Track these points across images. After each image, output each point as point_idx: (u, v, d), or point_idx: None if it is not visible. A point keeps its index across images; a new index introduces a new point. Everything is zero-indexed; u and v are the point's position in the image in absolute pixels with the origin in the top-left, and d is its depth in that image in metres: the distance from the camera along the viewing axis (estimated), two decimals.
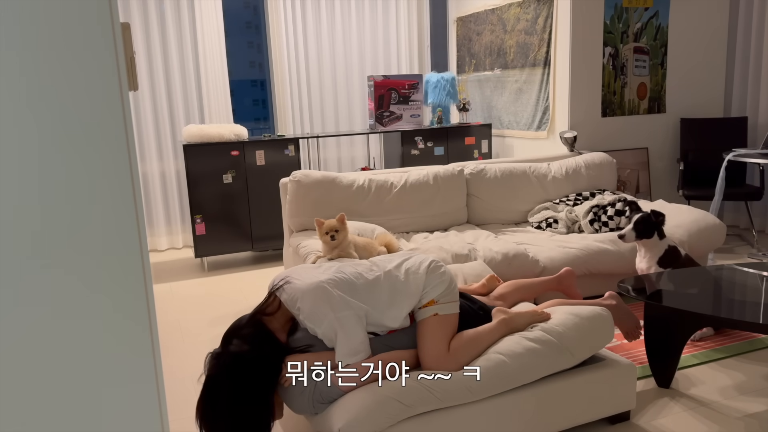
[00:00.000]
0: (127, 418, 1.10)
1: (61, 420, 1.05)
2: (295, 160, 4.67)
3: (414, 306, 2.05)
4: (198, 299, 3.90)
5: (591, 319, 2.17)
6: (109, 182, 1.04)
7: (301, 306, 1.94)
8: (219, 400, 1.81)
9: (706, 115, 5.06)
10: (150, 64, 4.99)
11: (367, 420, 1.76)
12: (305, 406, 1.85)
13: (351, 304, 1.94)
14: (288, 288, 1.99)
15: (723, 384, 2.53)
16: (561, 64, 4.59)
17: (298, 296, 1.95)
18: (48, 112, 0.99)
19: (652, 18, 4.73)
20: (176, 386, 2.66)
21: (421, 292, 2.04)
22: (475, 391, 1.92)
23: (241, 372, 1.83)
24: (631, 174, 4.83)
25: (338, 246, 3.14)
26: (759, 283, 2.70)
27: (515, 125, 5.18)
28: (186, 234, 5.26)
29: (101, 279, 1.05)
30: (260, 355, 1.87)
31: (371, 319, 1.99)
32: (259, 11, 29.23)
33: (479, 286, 2.63)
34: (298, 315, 1.97)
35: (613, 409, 2.22)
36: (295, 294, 1.96)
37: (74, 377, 1.05)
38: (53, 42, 0.97)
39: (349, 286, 1.99)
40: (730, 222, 5.10)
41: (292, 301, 1.96)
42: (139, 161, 5.07)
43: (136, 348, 1.09)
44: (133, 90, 1.09)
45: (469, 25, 5.63)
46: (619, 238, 3.02)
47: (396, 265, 2.11)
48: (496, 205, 3.99)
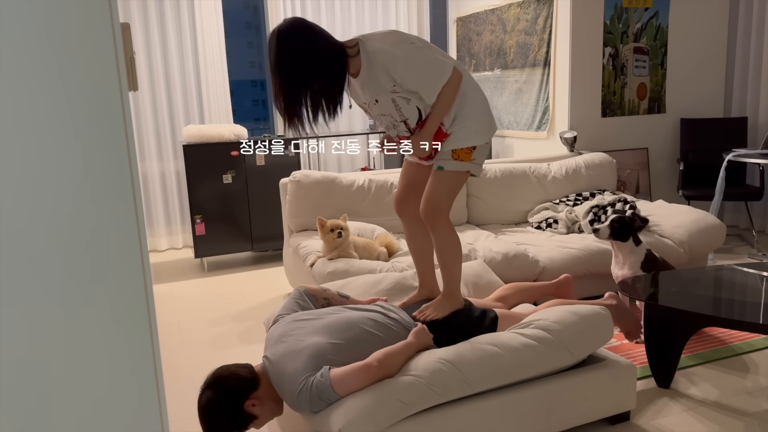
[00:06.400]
0: (127, 418, 1.10)
1: (61, 420, 1.05)
2: (295, 160, 4.67)
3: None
4: (198, 299, 3.90)
5: (590, 317, 2.17)
6: (109, 182, 1.04)
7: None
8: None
9: (706, 115, 5.06)
10: (150, 65, 4.99)
11: (367, 419, 1.76)
12: (303, 404, 1.85)
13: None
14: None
15: (723, 384, 2.53)
16: (561, 65, 4.59)
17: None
18: (48, 112, 0.99)
19: (652, 18, 4.73)
20: (176, 386, 2.66)
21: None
22: (472, 383, 1.92)
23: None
24: (631, 174, 4.83)
25: (339, 246, 3.14)
26: (759, 283, 2.70)
27: (515, 125, 5.18)
28: (186, 234, 5.26)
29: (101, 279, 1.05)
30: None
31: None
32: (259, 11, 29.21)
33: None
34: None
35: (613, 409, 2.22)
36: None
37: (74, 377, 1.05)
38: (53, 42, 0.97)
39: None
40: (730, 222, 5.10)
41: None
42: (139, 161, 5.07)
43: (136, 348, 1.09)
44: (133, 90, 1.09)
45: (469, 26, 5.63)
46: (593, 231, 3.00)
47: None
48: (496, 206, 3.99)
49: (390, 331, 2.11)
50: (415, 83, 2.13)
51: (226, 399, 1.91)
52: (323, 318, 2.11)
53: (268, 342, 2.10)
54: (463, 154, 2.23)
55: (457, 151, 2.23)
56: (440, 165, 2.24)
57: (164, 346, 3.07)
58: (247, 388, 1.94)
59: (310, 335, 1.99)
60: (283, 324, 2.14)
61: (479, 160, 2.28)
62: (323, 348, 1.93)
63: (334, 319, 2.08)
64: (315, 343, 1.94)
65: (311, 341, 1.95)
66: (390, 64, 2.10)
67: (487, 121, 2.28)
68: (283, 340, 2.03)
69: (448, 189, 2.26)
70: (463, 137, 2.22)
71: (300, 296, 2.33)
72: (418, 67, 2.12)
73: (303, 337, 1.99)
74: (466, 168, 2.25)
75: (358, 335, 2.03)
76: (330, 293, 2.39)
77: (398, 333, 2.12)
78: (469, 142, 2.23)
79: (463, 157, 2.23)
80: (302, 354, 1.91)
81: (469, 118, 2.22)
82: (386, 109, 2.20)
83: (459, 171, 2.24)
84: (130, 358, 1.08)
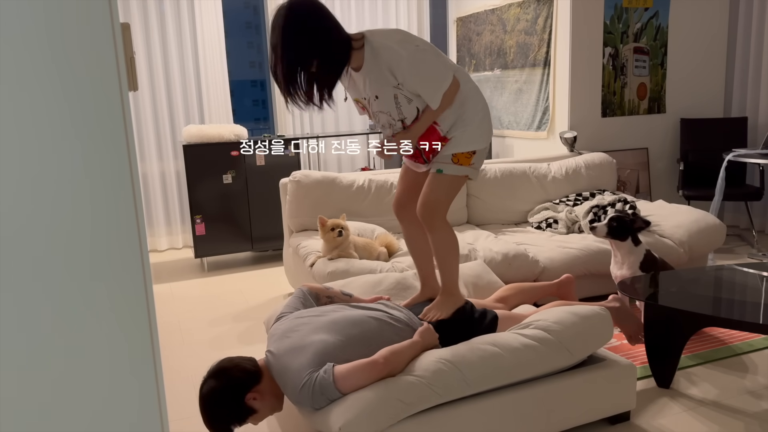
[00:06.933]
0: (127, 418, 1.10)
1: (60, 420, 1.05)
2: (295, 160, 4.66)
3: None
4: (198, 299, 3.90)
5: (589, 317, 2.17)
6: (109, 182, 1.03)
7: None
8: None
9: (706, 115, 5.06)
10: (150, 65, 4.99)
11: (367, 419, 1.76)
12: (305, 399, 1.85)
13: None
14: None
15: (723, 384, 2.53)
16: (561, 65, 4.59)
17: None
18: (48, 112, 0.99)
19: (652, 18, 4.73)
20: (176, 386, 2.66)
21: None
22: (472, 383, 1.92)
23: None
24: (631, 174, 4.83)
25: (339, 246, 3.14)
26: (759, 283, 2.70)
27: (515, 125, 5.18)
28: (186, 234, 5.26)
29: (101, 279, 1.05)
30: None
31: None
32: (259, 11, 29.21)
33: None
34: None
35: (613, 410, 2.22)
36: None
37: (74, 377, 1.05)
38: (53, 42, 0.97)
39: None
40: (730, 222, 5.10)
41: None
42: (139, 161, 5.07)
43: (136, 348, 1.09)
44: (133, 90, 1.09)
45: (469, 26, 5.63)
46: (590, 229, 3.00)
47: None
48: (496, 206, 3.99)
49: (394, 330, 2.11)
50: (417, 86, 2.13)
51: (228, 390, 1.91)
52: (327, 315, 2.11)
53: (271, 337, 2.10)
54: (463, 159, 2.24)
55: (458, 155, 2.23)
56: (439, 168, 2.24)
57: (164, 346, 3.07)
58: (250, 381, 1.94)
59: (315, 332, 1.99)
60: (287, 320, 2.14)
61: (477, 165, 2.29)
62: (328, 345, 1.93)
63: (338, 317, 2.08)
64: (320, 340, 1.94)
65: (316, 338, 1.96)
66: (393, 61, 2.10)
67: (487, 125, 2.29)
68: (287, 335, 2.03)
69: (446, 192, 2.27)
70: (464, 141, 2.23)
71: (303, 295, 2.33)
72: (421, 71, 2.13)
73: (308, 334, 1.99)
74: (465, 172, 2.26)
75: (362, 333, 2.03)
76: (333, 292, 2.39)
77: (402, 331, 2.12)
78: (470, 146, 2.24)
79: (463, 161, 2.24)
80: (307, 350, 1.91)
81: (470, 123, 2.23)
82: (385, 106, 2.21)
83: (458, 175, 2.25)
84: (130, 358, 1.08)
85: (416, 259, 2.51)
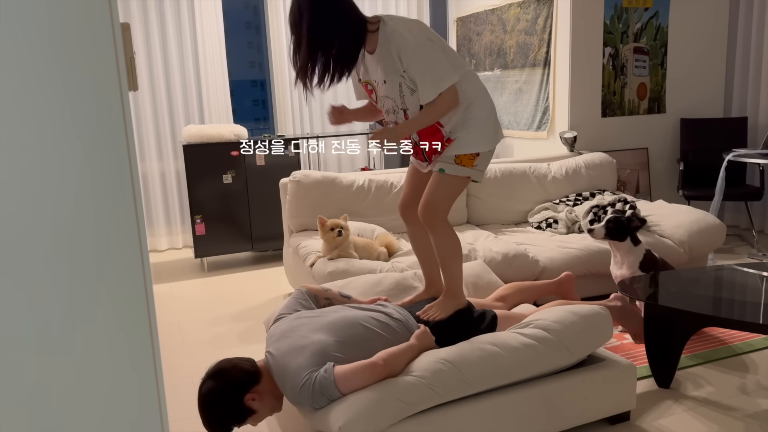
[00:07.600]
0: (128, 418, 1.10)
1: (60, 420, 1.05)
2: (295, 160, 4.66)
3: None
4: (198, 300, 3.90)
5: (589, 317, 2.18)
6: (109, 182, 1.04)
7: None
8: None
9: (706, 115, 5.06)
10: (150, 65, 4.99)
11: (367, 419, 1.76)
12: (305, 399, 1.85)
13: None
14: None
15: (723, 384, 2.53)
16: (561, 65, 4.59)
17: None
18: (48, 112, 0.99)
19: (652, 18, 4.73)
20: (176, 386, 2.66)
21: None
22: (472, 383, 1.92)
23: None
24: (631, 174, 4.83)
25: (339, 246, 3.14)
26: (759, 283, 2.70)
27: (515, 125, 5.18)
28: (186, 234, 5.26)
29: (101, 279, 1.05)
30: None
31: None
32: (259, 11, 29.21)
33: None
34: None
35: (613, 410, 2.22)
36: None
37: (74, 377, 1.05)
38: (53, 42, 0.97)
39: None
40: (730, 222, 5.10)
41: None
42: (139, 161, 5.07)
43: (136, 348, 1.09)
44: (133, 90, 1.09)
45: (469, 26, 5.63)
46: (588, 232, 3.01)
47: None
48: (496, 206, 3.99)
49: (392, 331, 2.11)
50: (416, 75, 2.14)
51: (226, 390, 1.92)
52: (326, 316, 2.11)
53: (270, 338, 2.10)
54: (465, 160, 2.24)
55: (460, 157, 2.23)
56: (442, 167, 2.24)
57: (164, 346, 3.07)
58: (249, 381, 1.94)
59: (314, 332, 2.00)
60: (286, 321, 2.14)
61: (481, 167, 2.29)
62: (327, 345, 1.94)
63: (337, 317, 2.08)
64: (319, 341, 1.95)
65: (315, 338, 1.96)
66: (402, 47, 2.11)
67: (492, 128, 2.28)
68: (286, 335, 2.03)
69: (447, 192, 2.27)
70: (467, 143, 2.23)
71: (302, 296, 2.34)
72: (422, 60, 2.13)
73: (307, 334, 2.00)
74: (467, 173, 2.26)
75: (360, 334, 2.03)
76: (332, 293, 2.39)
77: (400, 332, 2.12)
78: (473, 148, 2.24)
79: (466, 162, 2.24)
80: (306, 350, 1.92)
81: (474, 125, 2.23)
82: (391, 92, 2.22)
83: (460, 176, 2.25)
84: (130, 357, 1.08)
85: (421, 260, 2.52)
